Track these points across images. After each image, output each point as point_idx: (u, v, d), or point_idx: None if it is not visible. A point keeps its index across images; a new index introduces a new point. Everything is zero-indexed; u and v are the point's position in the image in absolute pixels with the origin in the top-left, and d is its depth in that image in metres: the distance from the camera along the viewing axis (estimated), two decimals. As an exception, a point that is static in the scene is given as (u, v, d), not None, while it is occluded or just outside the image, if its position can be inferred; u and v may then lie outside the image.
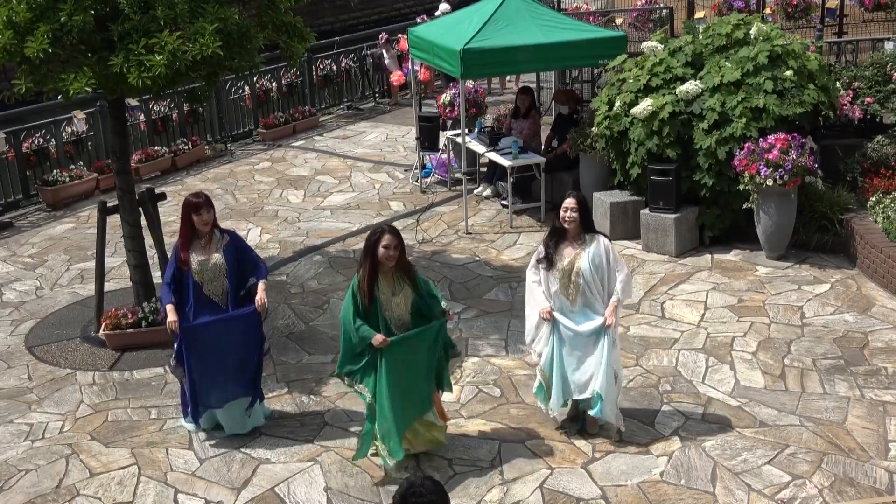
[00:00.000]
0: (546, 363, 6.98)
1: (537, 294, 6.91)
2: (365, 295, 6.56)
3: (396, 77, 18.32)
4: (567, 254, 6.80)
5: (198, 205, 7.07)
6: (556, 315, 6.86)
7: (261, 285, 7.18)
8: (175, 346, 7.19)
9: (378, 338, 6.51)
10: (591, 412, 6.99)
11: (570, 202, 6.75)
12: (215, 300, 7.16)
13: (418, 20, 17.85)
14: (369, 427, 6.77)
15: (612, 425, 7.07)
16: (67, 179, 13.55)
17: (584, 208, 6.80)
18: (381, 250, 6.52)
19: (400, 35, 18.37)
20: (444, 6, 19.68)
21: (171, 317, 7.00)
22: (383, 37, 18.73)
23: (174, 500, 6.70)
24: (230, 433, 7.36)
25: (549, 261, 6.84)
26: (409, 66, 17.71)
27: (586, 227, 6.83)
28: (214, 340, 7.12)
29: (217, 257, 7.12)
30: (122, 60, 7.72)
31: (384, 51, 18.50)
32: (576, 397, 7.04)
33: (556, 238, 6.86)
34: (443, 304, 6.78)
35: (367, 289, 6.56)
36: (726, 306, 9.15)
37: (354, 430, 7.34)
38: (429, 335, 6.71)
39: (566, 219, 6.75)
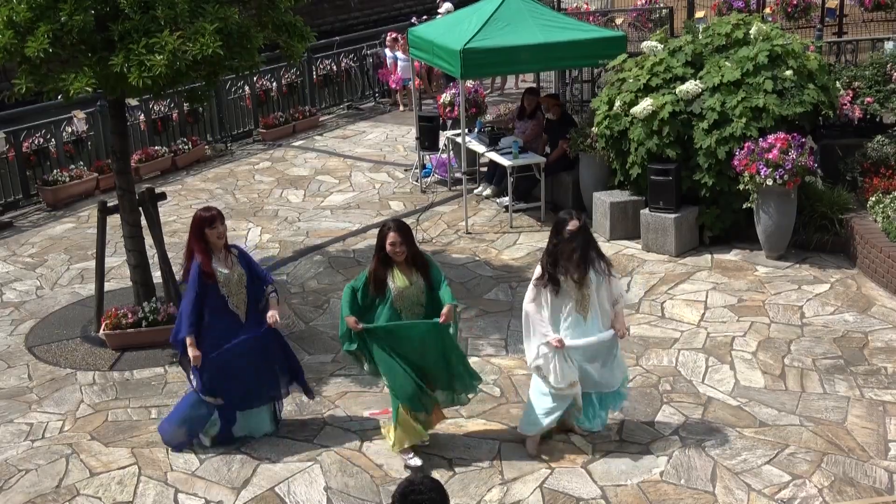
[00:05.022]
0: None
1: (546, 325, 6.68)
2: (372, 284, 6.68)
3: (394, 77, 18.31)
4: (573, 270, 6.69)
5: (212, 218, 6.87)
6: (567, 342, 6.64)
7: (273, 301, 7.08)
8: (195, 377, 7.04)
9: (349, 319, 6.62)
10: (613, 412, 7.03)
11: (574, 224, 6.63)
12: (237, 313, 7.01)
13: (413, 21, 17.83)
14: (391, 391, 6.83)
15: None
16: (67, 179, 13.56)
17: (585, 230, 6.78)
18: (388, 247, 6.65)
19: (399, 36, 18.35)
20: (447, 5, 19.67)
21: (194, 352, 6.82)
22: (390, 35, 18.69)
23: (174, 499, 6.70)
24: (242, 434, 7.27)
25: (554, 283, 6.66)
26: (401, 74, 17.75)
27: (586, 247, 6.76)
28: (236, 367, 6.99)
29: (239, 269, 7.00)
30: (122, 60, 7.72)
31: (388, 49, 18.45)
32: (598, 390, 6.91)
33: (556, 259, 6.69)
34: (447, 298, 6.72)
35: (375, 279, 6.68)
36: (726, 306, 9.16)
37: (355, 430, 7.35)
38: (417, 331, 6.67)
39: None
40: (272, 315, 7.01)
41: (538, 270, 6.77)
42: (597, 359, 6.77)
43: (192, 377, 7.09)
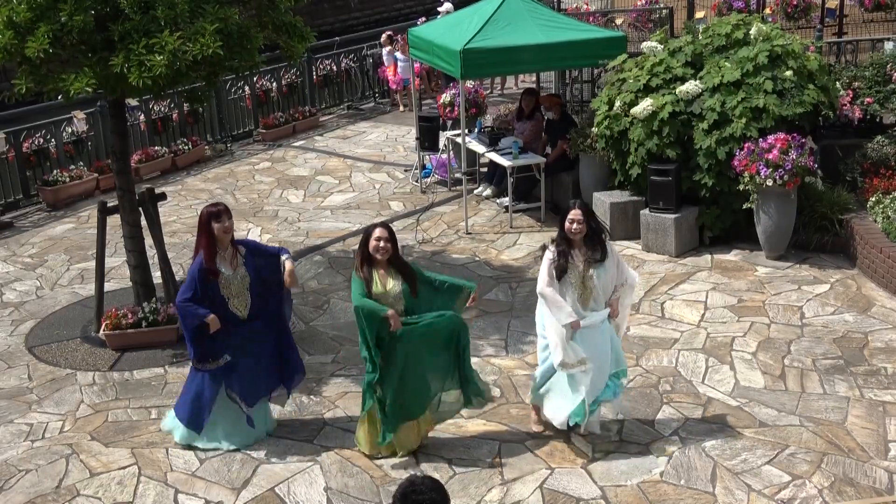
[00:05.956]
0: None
1: (565, 307, 6.70)
2: (363, 278, 6.66)
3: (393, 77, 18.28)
4: (579, 261, 6.77)
5: (218, 213, 6.87)
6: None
7: (288, 264, 7.04)
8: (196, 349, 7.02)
9: (389, 312, 6.58)
10: (609, 399, 7.05)
11: (576, 214, 6.69)
12: (238, 314, 6.99)
13: (419, 21, 17.85)
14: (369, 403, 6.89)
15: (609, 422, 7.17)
16: (67, 179, 13.56)
17: (590, 215, 6.80)
18: (372, 242, 6.63)
19: (399, 36, 18.34)
20: (447, 5, 19.67)
21: (217, 325, 6.84)
22: (385, 34, 18.68)
23: (174, 500, 6.71)
24: (240, 445, 7.23)
25: (561, 270, 6.73)
26: (401, 74, 17.74)
27: (592, 232, 6.80)
28: (245, 345, 7.02)
29: (242, 270, 6.97)
30: (122, 60, 7.72)
31: (385, 49, 18.43)
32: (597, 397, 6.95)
33: (566, 247, 6.77)
34: (467, 283, 6.89)
35: (363, 274, 6.67)
36: (726, 306, 9.16)
37: (355, 431, 7.33)
38: (442, 324, 6.74)
39: (574, 231, 6.69)
40: (289, 272, 7.00)
41: (549, 254, 6.79)
42: (597, 345, 6.81)
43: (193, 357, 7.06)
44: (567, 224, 6.71)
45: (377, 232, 6.67)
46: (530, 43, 11.31)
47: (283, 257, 7.12)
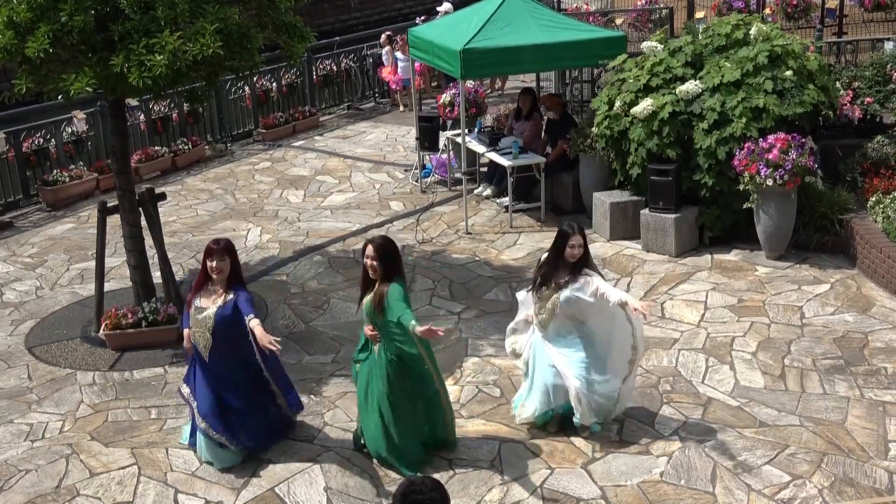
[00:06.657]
0: (529, 368, 7.16)
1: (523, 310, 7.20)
2: (359, 300, 6.75)
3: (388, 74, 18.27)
4: (554, 284, 6.88)
5: (211, 250, 6.81)
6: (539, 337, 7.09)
7: (254, 325, 6.56)
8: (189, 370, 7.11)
9: (367, 331, 6.69)
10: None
11: (577, 239, 6.78)
12: (197, 346, 6.90)
13: (418, 21, 17.85)
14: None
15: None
16: (67, 179, 13.56)
17: (586, 242, 6.90)
18: (365, 259, 6.58)
19: (399, 36, 18.35)
20: (446, 5, 19.68)
21: (187, 342, 6.93)
22: (384, 34, 18.69)
23: (174, 500, 6.71)
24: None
25: (536, 285, 7.00)
26: (401, 74, 17.75)
27: (585, 255, 6.91)
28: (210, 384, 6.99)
29: (211, 311, 6.81)
30: (122, 60, 7.72)
31: (384, 49, 18.44)
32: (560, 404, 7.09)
33: (552, 266, 6.92)
34: (412, 323, 6.27)
35: (361, 294, 6.72)
36: (726, 306, 9.16)
37: (354, 430, 7.34)
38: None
39: (575, 254, 6.81)
40: (263, 339, 6.49)
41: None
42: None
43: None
44: (569, 250, 6.81)
45: (367, 249, 6.54)
46: (530, 43, 11.31)
47: (248, 318, 6.71)
